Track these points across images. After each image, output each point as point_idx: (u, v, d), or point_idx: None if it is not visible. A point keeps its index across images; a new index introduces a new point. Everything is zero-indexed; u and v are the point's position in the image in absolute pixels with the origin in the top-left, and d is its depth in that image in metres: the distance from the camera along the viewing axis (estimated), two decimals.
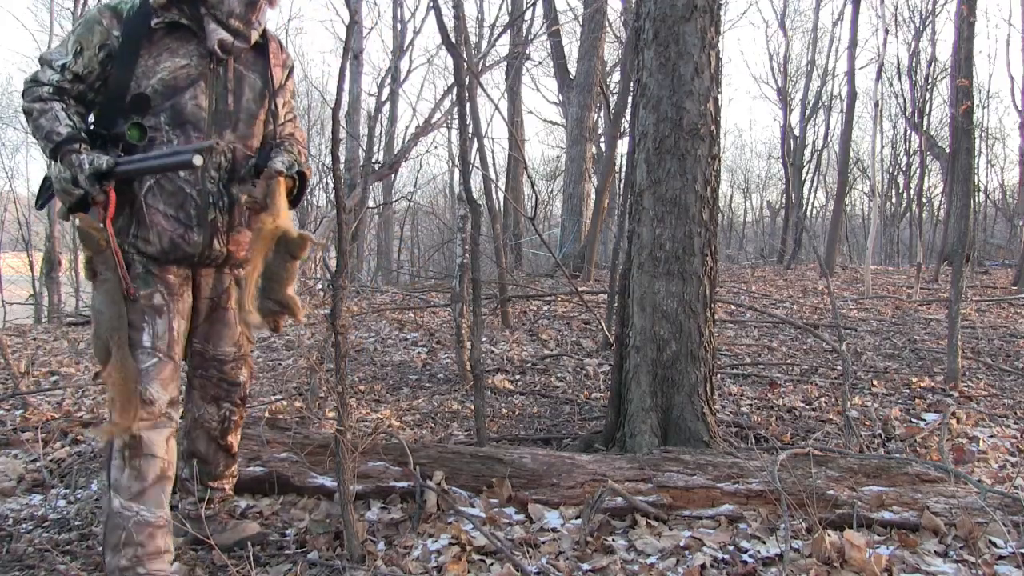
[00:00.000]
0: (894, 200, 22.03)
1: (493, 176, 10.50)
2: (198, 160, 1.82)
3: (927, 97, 17.31)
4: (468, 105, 4.10)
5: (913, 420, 3.81)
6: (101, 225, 1.88)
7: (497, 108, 9.35)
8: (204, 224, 2.01)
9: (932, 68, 17.40)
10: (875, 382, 4.62)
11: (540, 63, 16.56)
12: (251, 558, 2.12)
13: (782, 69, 19.03)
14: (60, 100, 1.94)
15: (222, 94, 2.04)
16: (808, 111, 18.01)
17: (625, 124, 9.74)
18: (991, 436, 3.54)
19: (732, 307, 7.63)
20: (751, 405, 4.06)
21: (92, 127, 2.01)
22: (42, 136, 1.90)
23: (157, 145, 1.96)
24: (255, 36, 2.08)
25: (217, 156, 2.03)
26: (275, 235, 2.06)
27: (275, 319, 2.14)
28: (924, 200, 19.10)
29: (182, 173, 1.97)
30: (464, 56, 4.34)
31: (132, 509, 1.93)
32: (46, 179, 2.00)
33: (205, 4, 1.99)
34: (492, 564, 2.16)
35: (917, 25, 17.60)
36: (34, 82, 1.95)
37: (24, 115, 1.96)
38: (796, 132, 17.98)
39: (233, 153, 2.07)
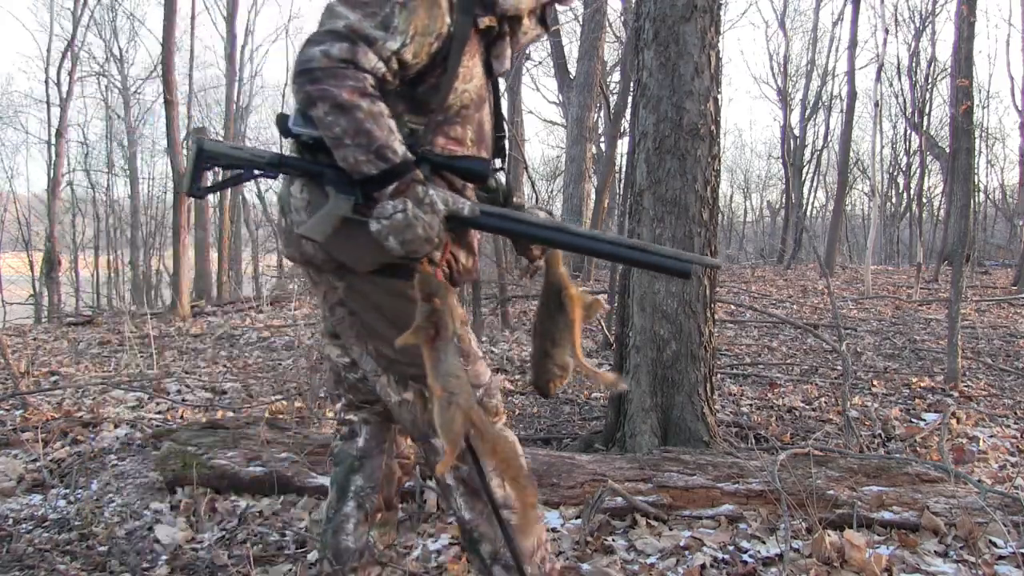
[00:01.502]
0: (894, 200, 22.05)
1: None
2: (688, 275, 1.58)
3: (927, 97, 17.36)
4: None
5: (913, 420, 3.81)
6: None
7: None
8: (473, 252, 1.74)
9: (932, 68, 17.44)
10: (875, 382, 4.62)
11: (540, 63, 16.58)
12: (251, 558, 2.12)
13: (782, 69, 19.08)
14: (382, 100, 1.45)
15: (491, 113, 1.74)
16: (808, 111, 18.04)
17: (625, 124, 9.75)
18: (991, 436, 3.54)
19: (732, 307, 7.64)
20: (751, 405, 4.06)
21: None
22: (369, 148, 1.42)
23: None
24: None
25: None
26: (586, 303, 1.80)
27: (554, 384, 1.86)
28: (924, 200, 19.13)
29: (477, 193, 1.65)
30: None
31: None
32: (201, 152, 1.56)
33: (516, 26, 1.68)
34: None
35: (917, 25, 17.64)
36: (348, 63, 1.40)
37: (328, 106, 1.40)
38: (796, 132, 18.02)
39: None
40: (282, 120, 1.56)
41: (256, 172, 1.57)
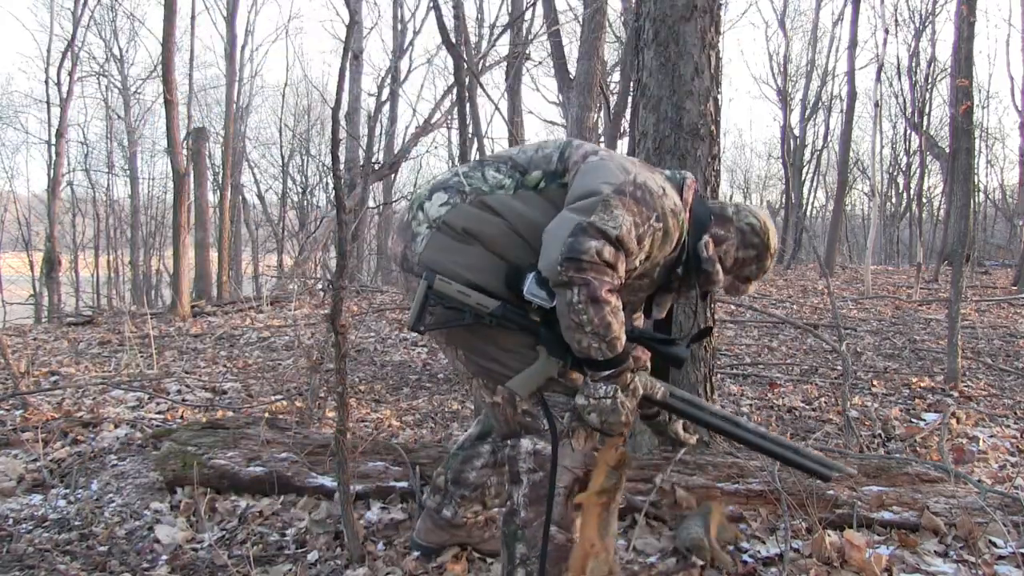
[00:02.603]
0: (894, 200, 22.03)
1: None
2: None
3: (927, 97, 17.33)
4: (468, 105, 4.10)
5: (913, 420, 3.81)
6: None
7: (497, 108, 9.32)
8: None
9: (932, 68, 17.41)
10: (875, 382, 4.62)
11: (540, 63, 16.52)
12: (251, 558, 2.12)
13: (782, 69, 19.04)
14: None
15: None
16: (808, 111, 18.03)
17: (625, 124, 9.73)
18: (991, 436, 3.54)
19: (732, 307, 7.63)
20: (751, 405, 4.06)
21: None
22: (604, 338, 1.59)
23: None
24: None
25: None
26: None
27: None
28: (924, 200, 19.13)
29: None
30: (464, 56, 4.34)
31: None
32: (430, 290, 1.66)
33: (685, 288, 1.89)
34: (492, 564, 2.16)
35: (917, 25, 17.62)
36: (608, 265, 1.58)
37: (584, 296, 1.55)
38: (796, 132, 18.00)
39: None
40: (515, 274, 1.66)
41: (474, 318, 1.67)
